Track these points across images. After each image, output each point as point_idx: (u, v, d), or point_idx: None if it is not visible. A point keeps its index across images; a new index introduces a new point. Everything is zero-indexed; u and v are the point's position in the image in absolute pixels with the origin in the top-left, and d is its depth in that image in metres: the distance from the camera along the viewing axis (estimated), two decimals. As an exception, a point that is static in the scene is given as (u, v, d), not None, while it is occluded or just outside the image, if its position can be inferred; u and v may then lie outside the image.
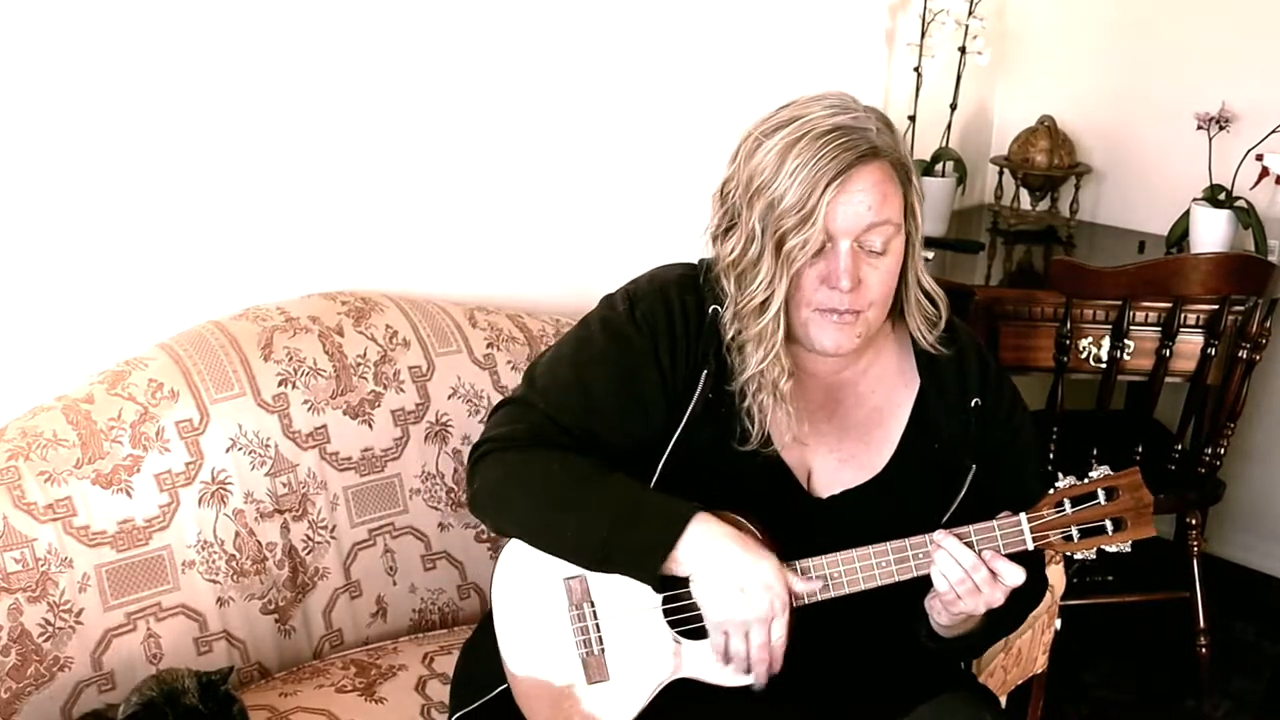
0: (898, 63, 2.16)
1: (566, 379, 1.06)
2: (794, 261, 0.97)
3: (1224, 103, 2.01)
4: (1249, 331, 1.80)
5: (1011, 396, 1.12)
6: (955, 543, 0.98)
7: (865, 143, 0.97)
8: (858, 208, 0.97)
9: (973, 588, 0.97)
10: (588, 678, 1.05)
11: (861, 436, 1.09)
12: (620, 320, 1.06)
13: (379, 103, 1.49)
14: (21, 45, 1.20)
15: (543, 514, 1.03)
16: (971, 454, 1.07)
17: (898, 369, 1.10)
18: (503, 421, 1.07)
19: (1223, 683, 1.98)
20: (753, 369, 1.01)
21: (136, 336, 1.32)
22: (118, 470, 1.21)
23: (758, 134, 1.00)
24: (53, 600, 1.16)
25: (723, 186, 1.03)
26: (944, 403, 1.08)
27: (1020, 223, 2.26)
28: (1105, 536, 0.99)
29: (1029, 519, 0.99)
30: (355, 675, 1.28)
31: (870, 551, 1.00)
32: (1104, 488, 0.99)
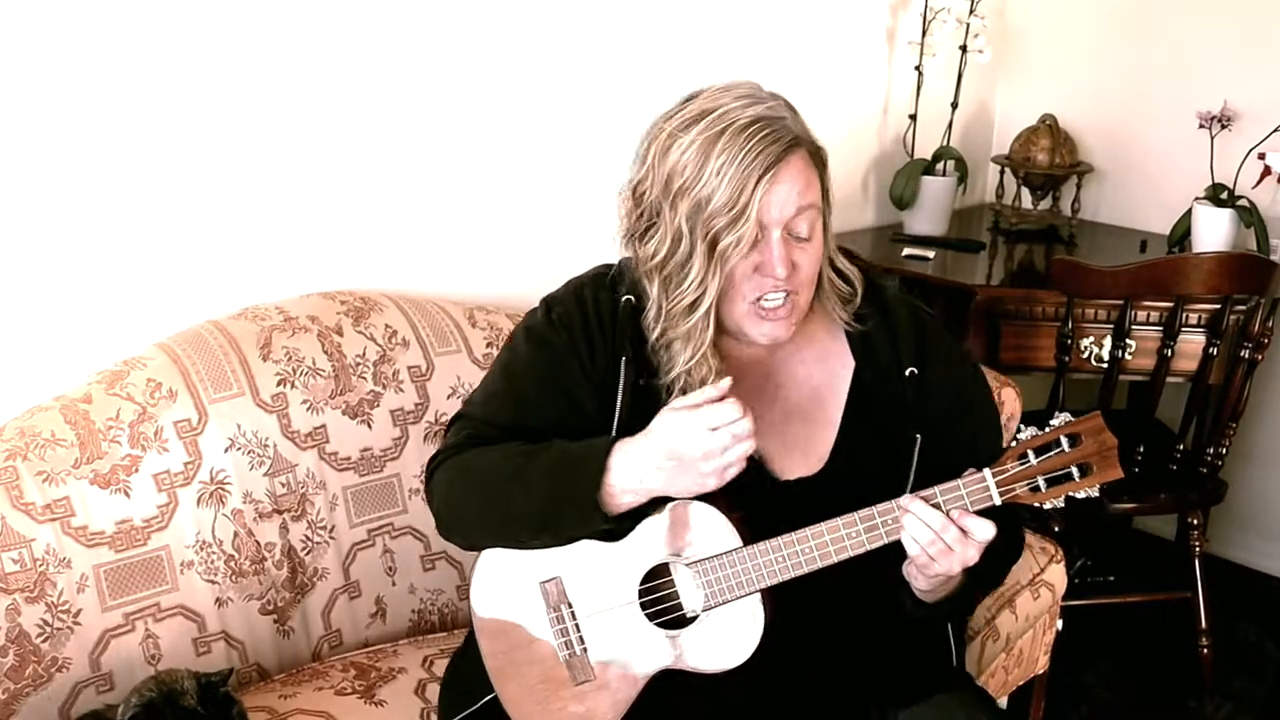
0: (898, 61, 2.16)
1: (498, 388, 1.10)
2: (728, 259, 0.97)
3: (1226, 101, 2.01)
4: (1251, 331, 1.80)
5: (957, 360, 1.12)
6: (922, 505, 0.97)
7: (787, 133, 0.97)
8: (787, 198, 0.97)
9: (944, 548, 0.97)
10: (574, 679, 1.05)
11: (805, 419, 1.09)
12: (540, 325, 1.09)
13: (378, 102, 1.49)
14: (20, 45, 1.20)
15: (491, 502, 1.04)
16: (914, 424, 1.07)
17: (832, 348, 1.11)
18: (446, 438, 1.11)
19: (1224, 683, 1.98)
20: (680, 368, 1.02)
21: (135, 336, 1.32)
22: (116, 470, 1.21)
23: (671, 130, 0.99)
24: (51, 601, 1.16)
25: (635, 187, 1.02)
26: (879, 378, 1.08)
27: (1021, 222, 2.25)
28: (1073, 483, 0.98)
29: (993, 473, 0.98)
30: (355, 678, 1.27)
31: (839, 523, 0.99)
32: (1066, 434, 0.98)
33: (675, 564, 1.03)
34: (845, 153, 2.17)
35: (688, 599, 1.03)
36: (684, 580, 1.03)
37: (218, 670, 1.10)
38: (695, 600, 1.02)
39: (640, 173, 1.02)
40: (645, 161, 1.01)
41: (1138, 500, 1.88)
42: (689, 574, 1.02)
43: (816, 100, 2.09)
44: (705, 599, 1.02)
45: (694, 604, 1.02)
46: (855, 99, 2.16)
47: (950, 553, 0.97)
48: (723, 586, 1.01)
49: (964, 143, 2.25)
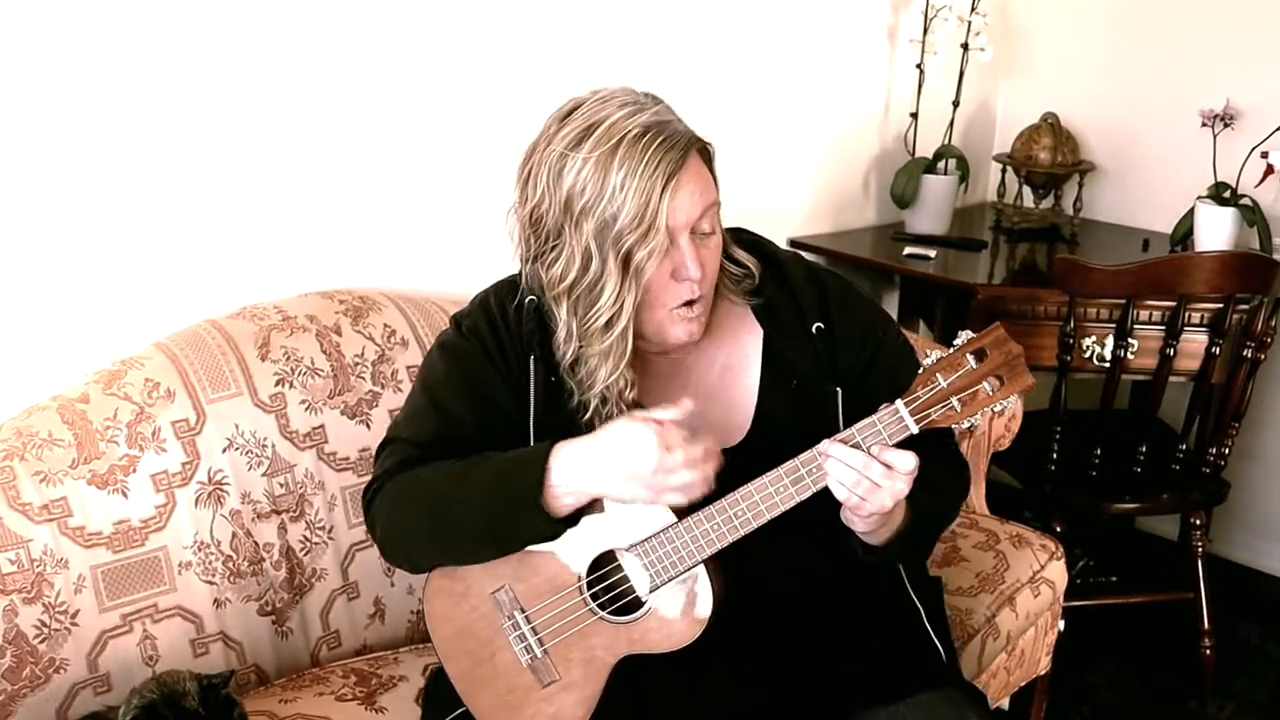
0: (900, 60, 2.16)
1: (419, 405, 1.11)
2: (644, 273, 0.98)
3: (1228, 100, 2.00)
4: (1254, 330, 1.79)
5: (862, 309, 1.13)
6: (840, 447, 0.97)
7: (680, 137, 0.98)
8: (691, 201, 0.98)
9: (871, 485, 0.96)
10: (540, 681, 1.06)
11: (721, 398, 1.09)
12: (450, 338, 1.12)
13: (377, 101, 1.48)
14: (18, 44, 1.20)
15: (436, 522, 1.05)
16: (830, 379, 1.07)
17: (736, 323, 1.11)
18: (378, 465, 1.11)
19: (1226, 684, 1.97)
20: (600, 385, 1.03)
21: (132, 336, 1.32)
22: (114, 470, 1.21)
23: (559, 150, 0.98)
24: (48, 601, 1.15)
25: (530, 211, 1.01)
26: (788, 339, 1.09)
27: (1023, 221, 2.25)
28: (987, 397, 0.98)
29: (905, 403, 0.98)
30: (356, 684, 1.27)
31: (765, 480, 0.99)
32: (971, 352, 0.98)
33: (619, 550, 1.03)
34: (846, 151, 2.17)
35: (637, 583, 1.03)
36: (631, 565, 1.03)
37: (219, 672, 1.09)
38: (644, 583, 1.02)
39: (535, 197, 1.01)
40: (538, 186, 1.00)
41: (1140, 500, 1.88)
42: (632, 558, 1.02)
43: (818, 99, 2.12)
44: (650, 579, 1.02)
45: (643, 587, 1.03)
46: (856, 97, 2.15)
47: (878, 489, 0.96)
48: (665, 564, 1.01)
49: (965, 141, 2.25)
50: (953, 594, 1.48)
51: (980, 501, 1.76)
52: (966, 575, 1.53)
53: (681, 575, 1.01)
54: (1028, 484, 1.92)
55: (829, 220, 2.17)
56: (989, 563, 1.57)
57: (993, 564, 1.57)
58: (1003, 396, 0.98)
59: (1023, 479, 1.94)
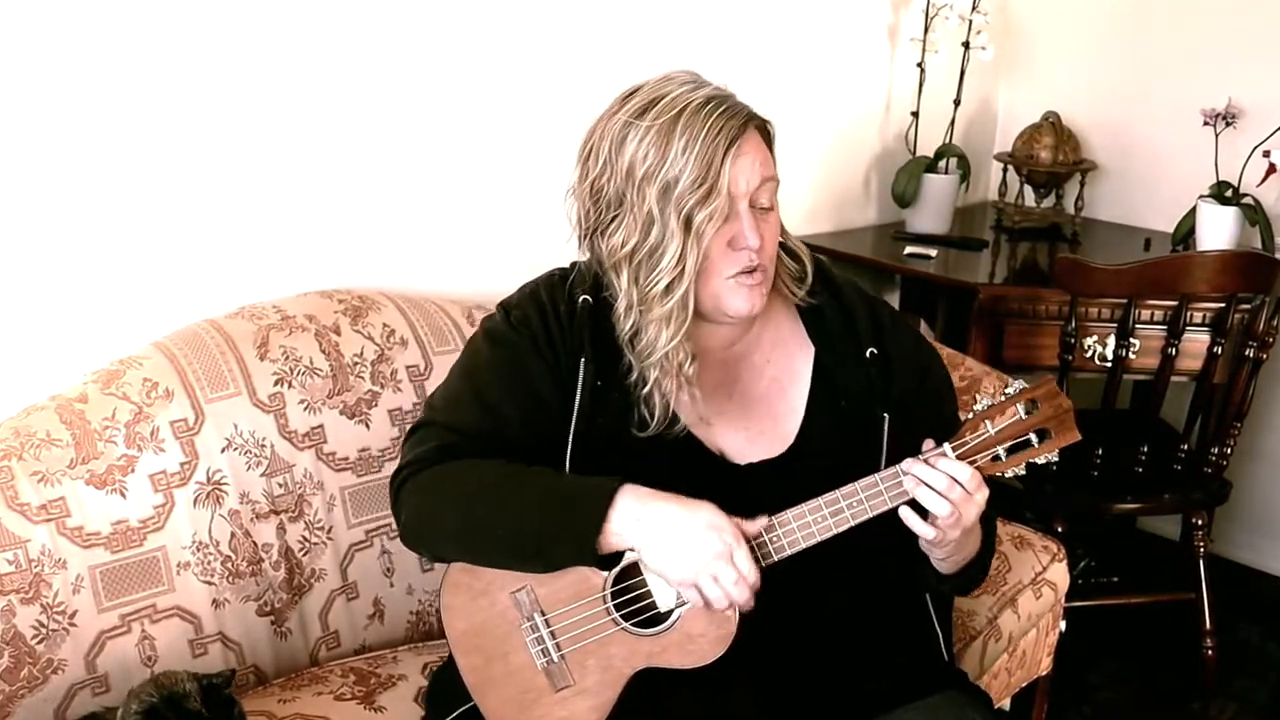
0: (900, 58, 2.15)
1: (460, 391, 1.09)
2: (704, 235, 0.99)
3: (1230, 99, 1.99)
4: (1255, 330, 1.79)
5: (912, 340, 1.15)
6: (922, 466, 0.98)
7: (742, 108, 1.01)
8: (750, 169, 1.00)
9: (954, 504, 0.98)
10: (553, 686, 1.05)
11: (767, 410, 1.09)
12: (498, 328, 1.10)
13: (376, 99, 1.48)
14: (15, 44, 1.19)
15: (470, 524, 1.03)
16: (880, 404, 1.08)
17: (790, 336, 1.12)
18: (411, 448, 1.09)
19: (1228, 685, 1.97)
20: (660, 352, 1.02)
21: (131, 335, 1.31)
22: (112, 470, 1.20)
23: (622, 121, 1.00)
24: (46, 602, 1.15)
25: (591, 184, 1.03)
26: (840, 359, 1.10)
27: (1024, 220, 2.24)
28: (1032, 449, 0.99)
29: (953, 446, 0.99)
30: (355, 683, 1.27)
31: (804, 510, 0.99)
32: (1022, 402, 0.98)
33: (644, 562, 1.02)
34: (847, 150, 2.16)
35: (661, 597, 1.03)
36: (657, 581, 1.02)
37: (219, 671, 1.09)
38: (668, 598, 1.02)
39: (596, 169, 1.03)
40: (599, 157, 1.02)
41: (1141, 500, 1.88)
42: None
43: (818, 97, 2.11)
44: (677, 594, 1.01)
45: (666, 601, 1.02)
46: (857, 96, 2.15)
47: (969, 498, 0.98)
48: None
49: (966, 140, 2.24)
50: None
51: (981, 501, 1.76)
52: (968, 576, 1.53)
53: None
54: (1029, 484, 1.92)
55: (830, 219, 2.17)
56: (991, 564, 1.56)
57: (995, 566, 1.56)
58: (1048, 450, 0.99)
59: (1024, 479, 1.94)
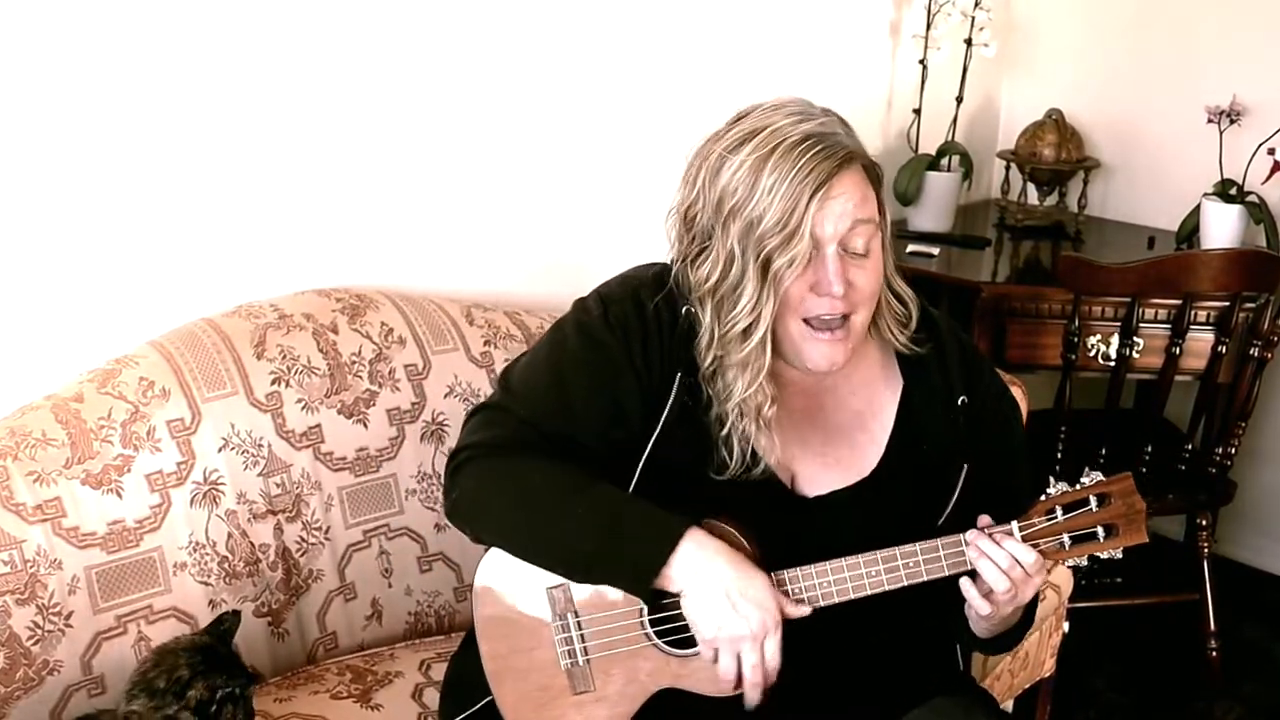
0: (902, 55, 2.14)
1: (543, 383, 1.05)
2: (782, 281, 0.96)
3: (1235, 96, 1.98)
4: (1260, 329, 1.78)
5: (999, 391, 1.11)
6: (987, 541, 0.97)
7: (840, 148, 0.96)
8: (841, 212, 0.96)
9: (1024, 575, 0.97)
10: (573, 688, 1.04)
11: (846, 440, 1.07)
12: (594, 323, 1.04)
13: (375, 97, 1.47)
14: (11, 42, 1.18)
15: (526, 524, 1.02)
16: (962, 453, 1.05)
17: (880, 371, 1.09)
18: (479, 427, 1.05)
19: (1233, 686, 1.96)
20: (738, 397, 0.99)
21: (127, 334, 1.30)
22: (108, 470, 1.19)
23: (720, 151, 0.97)
24: (42, 603, 1.14)
25: (685, 210, 1.01)
26: (929, 402, 1.06)
27: (1027, 218, 2.23)
28: (1097, 543, 0.97)
29: (1020, 527, 0.97)
30: (351, 681, 1.26)
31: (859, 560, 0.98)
32: (1096, 494, 0.97)
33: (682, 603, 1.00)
34: (849, 148, 2.15)
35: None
36: None
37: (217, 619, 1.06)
38: None
39: (691, 195, 1.00)
40: (695, 184, 0.99)
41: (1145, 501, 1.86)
42: None
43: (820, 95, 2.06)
44: None
45: None
46: (859, 93, 2.14)
47: (1015, 594, 0.97)
48: None
49: (969, 138, 2.23)
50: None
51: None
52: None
53: None
54: (1032, 484, 1.91)
55: (831, 218, 2.16)
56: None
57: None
58: (1113, 547, 0.97)
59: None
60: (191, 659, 1.02)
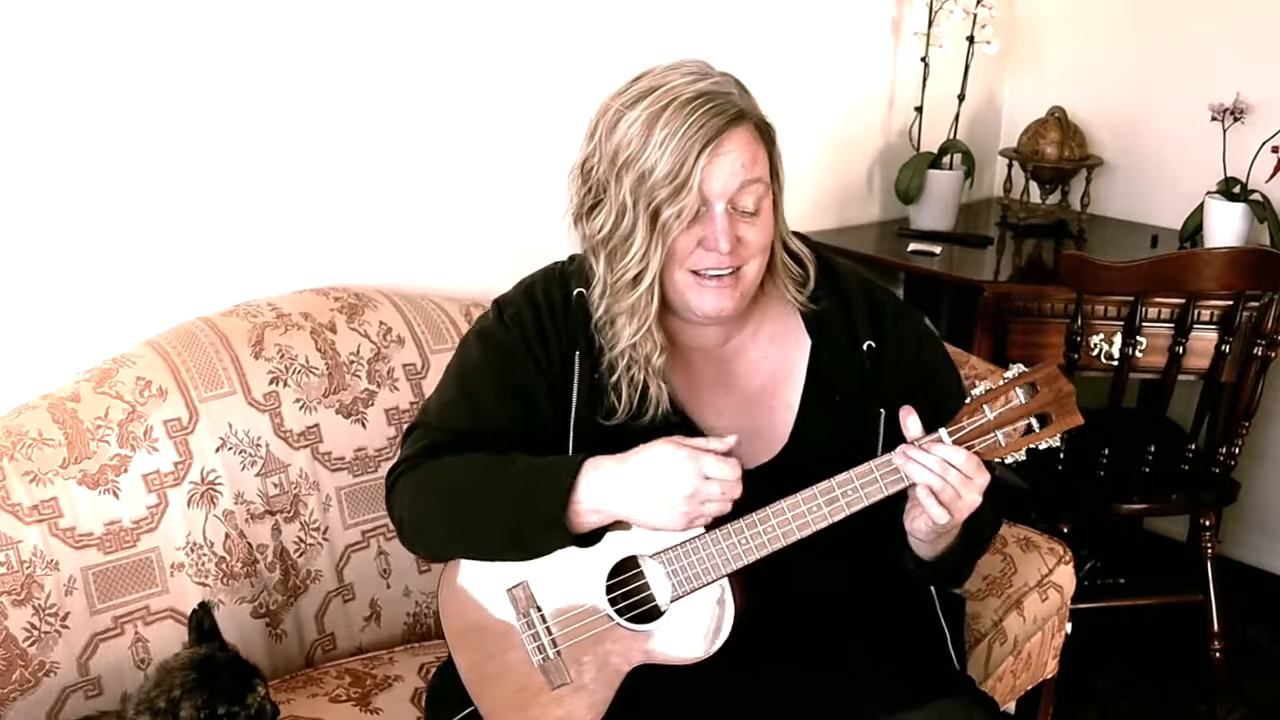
0: (904, 53, 2.13)
1: (452, 394, 1.09)
2: (670, 231, 0.98)
3: (1239, 94, 1.97)
4: (1264, 328, 1.77)
5: (913, 329, 1.12)
6: (918, 451, 0.96)
7: (731, 106, 0.98)
8: (730, 170, 0.98)
9: (954, 493, 0.96)
10: (550, 683, 1.04)
11: (765, 404, 1.08)
12: (490, 327, 1.10)
13: (373, 95, 1.47)
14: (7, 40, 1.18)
15: (458, 517, 1.04)
16: (875, 399, 1.06)
17: (786, 330, 1.10)
18: (404, 448, 1.10)
19: (1237, 688, 1.95)
20: (625, 343, 1.02)
21: (124, 333, 1.30)
22: (105, 470, 1.19)
23: (617, 107, 1.00)
24: (38, 604, 1.14)
25: (583, 164, 1.03)
26: (836, 354, 1.08)
27: (1030, 216, 2.22)
28: (1033, 434, 0.96)
29: (949, 432, 0.97)
30: (350, 685, 1.25)
31: (799, 499, 0.97)
32: (1021, 386, 0.96)
33: (642, 557, 1.02)
34: (850, 146, 2.15)
35: (658, 592, 1.02)
36: (653, 573, 1.02)
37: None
38: (665, 592, 1.01)
39: (589, 150, 1.02)
40: (593, 139, 1.02)
41: (1149, 501, 1.86)
42: (656, 565, 1.01)
43: (821, 92, 2.09)
44: (672, 589, 1.00)
45: (664, 596, 1.01)
46: (860, 91, 2.13)
47: (960, 499, 0.96)
48: (689, 575, 1.00)
49: (971, 136, 2.22)
50: (959, 596, 1.47)
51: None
52: (974, 579, 1.50)
53: (704, 587, 0.99)
54: (1034, 484, 1.90)
55: (833, 216, 2.15)
56: (996, 566, 1.55)
57: (1000, 567, 1.55)
58: (1049, 434, 0.96)
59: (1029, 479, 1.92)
60: (185, 676, 1.01)
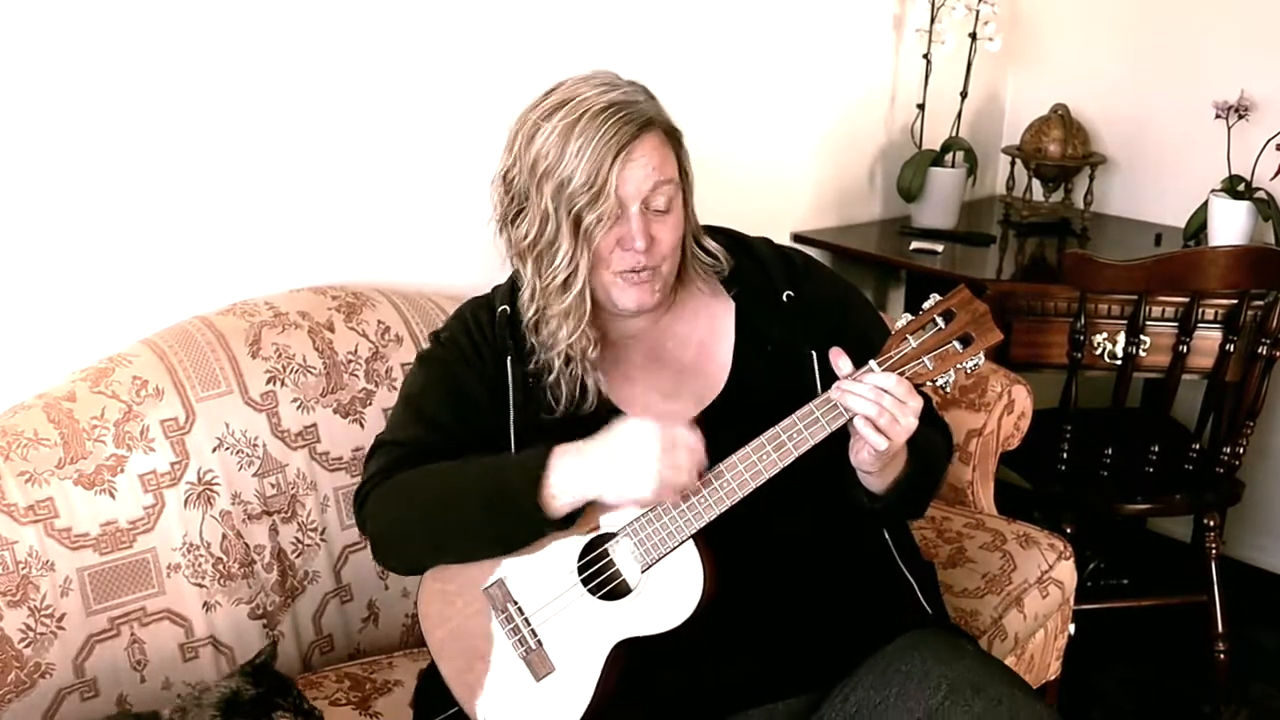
0: (906, 49, 2.12)
1: (402, 415, 1.16)
2: (594, 236, 1.04)
3: (1243, 91, 1.96)
4: (1269, 327, 1.76)
5: (829, 279, 1.20)
6: (851, 383, 1.00)
7: (640, 114, 1.04)
8: (642, 174, 1.04)
9: (891, 418, 0.99)
10: (535, 675, 1.05)
11: (699, 371, 1.13)
12: (431, 351, 1.18)
13: (370, 94, 1.46)
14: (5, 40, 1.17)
15: (430, 521, 1.07)
16: (805, 342, 1.11)
17: (709, 301, 1.16)
18: (367, 468, 1.15)
19: (1241, 689, 1.94)
20: (564, 344, 1.08)
21: (120, 332, 1.30)
22: (101, 470, 1.19)
23: (534, 119, 1.06)
24: (34, 605, 1.13)
25: (505, 174, 1.09)
26: (758, 305, 1.14)
27: (1033, 215, 2.21)
28: (957, 354, 1.01)
29: (878, 362, 1.02)
30: (350, 689, 1.25)
31: (748, 450, 1.01)
32: (939, 313, 1.02)
33: (609, 534, 1.04)
34: (851, 144, 2.14)
35: (628, 567, 1.03)
36: (622, 550, 1.04)
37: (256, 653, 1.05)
38: (634, 567, 1.03)
39: (509, 161, 1.08)
40: (513, 150, 1.08)
41: (1152, 501, 1.85)
42: (624, 540, 1.03)
43: (822, 90, 2.08)
44: (642, 560, 1.03)
45: (634, 570, 1.03)
46: (861, 88, 2.12)
47: (896, 423, 1.00)
48: (654, 543, 1.02)
49: (973, 133, 2.21)
50: (958, 596, 1.46)
51: (988, 502, 1.73)
52: (973, 576, 1.51)
53: (671, 552, 1.02)
54: (1037, 484, 1.89)
55: (834, 214, 2.14)
56: (995, 563, 1.54)
57: (999, 564, 1.54)
58: (972, 354, 1.02)
59: (1032, 479, 1.91)
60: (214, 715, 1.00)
